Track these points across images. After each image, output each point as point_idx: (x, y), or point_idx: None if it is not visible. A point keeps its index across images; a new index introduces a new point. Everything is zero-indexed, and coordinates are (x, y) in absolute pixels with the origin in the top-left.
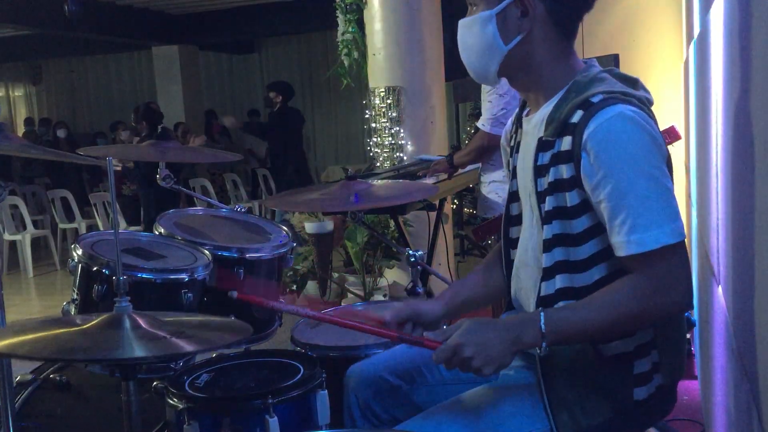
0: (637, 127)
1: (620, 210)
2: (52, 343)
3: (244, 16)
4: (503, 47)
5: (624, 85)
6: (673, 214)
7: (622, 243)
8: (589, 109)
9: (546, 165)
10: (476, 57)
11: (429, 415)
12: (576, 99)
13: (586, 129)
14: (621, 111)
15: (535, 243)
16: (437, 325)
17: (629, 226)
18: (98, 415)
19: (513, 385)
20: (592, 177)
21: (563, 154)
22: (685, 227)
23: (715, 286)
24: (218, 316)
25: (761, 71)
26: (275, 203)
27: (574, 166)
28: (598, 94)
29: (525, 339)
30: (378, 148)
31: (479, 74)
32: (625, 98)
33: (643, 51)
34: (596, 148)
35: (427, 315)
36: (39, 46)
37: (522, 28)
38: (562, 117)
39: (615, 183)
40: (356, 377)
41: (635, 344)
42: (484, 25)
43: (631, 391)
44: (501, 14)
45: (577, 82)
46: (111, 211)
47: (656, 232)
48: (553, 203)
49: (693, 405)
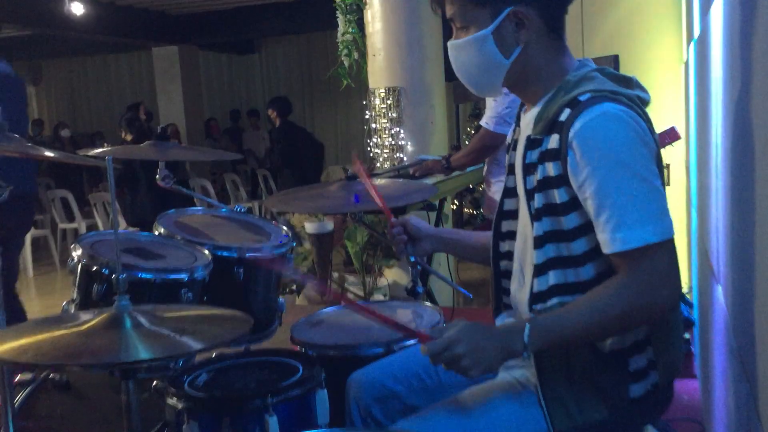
0: (622, 125)
1: (605, 207)
2: (55, 348)
3: (244, 16)
4: (505, 61)
5: (615, 84)
6: (659, 212)
7: (607, 240)
8: (576, 108)
9: (534, 163)
10: (478, 75)
11: (426, 415)
12: (564, 98)
13: (572, 127)
14: (607, 109)
15: (529, 240)
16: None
17: (614, 224)
18: (98, 414)
19: (509, 383)
20: (578, 175)
21: (550, 152)
22: (684, 227)
23: (715, 286)
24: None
25: (761, 71)
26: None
27: (561, 164)
28: (587, 92)
29: (512, 348)
30: (378, 149)
31: (482, 90)
32: (613, 97)
33: (643, 51)
34: (582, 145)
35: (417, 229)
36: (39, 46)
37: (520, 39)
38: (551, 115)
39: (600, 180)
40: (357, 384)
41: (630, 341)
42: (482, 45)
43: (627, 388)
44: (497, 31)
45: (567, 81)
46: (111, 211)
47: (640, 231)
48: (543, 200)
49: (693, 405)
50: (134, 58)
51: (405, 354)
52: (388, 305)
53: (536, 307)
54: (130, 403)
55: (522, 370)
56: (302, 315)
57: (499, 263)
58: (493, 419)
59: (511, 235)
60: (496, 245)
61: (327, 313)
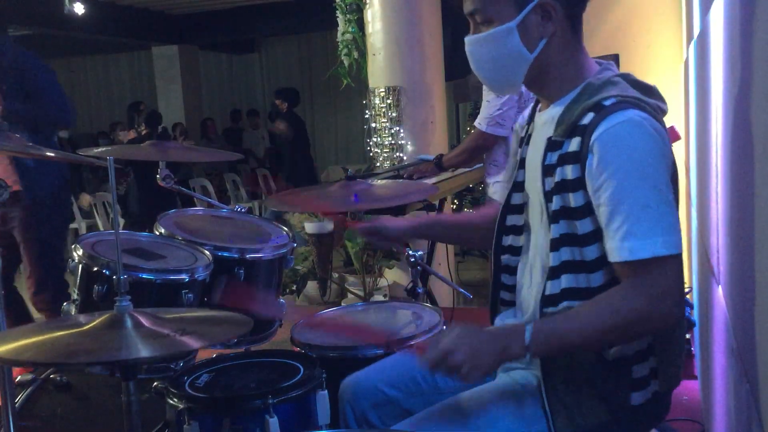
0: (646, 134)
1: (618, 215)
2: (56, 347)
3: (244, 16)
4: (529, 55)
5: (637, 92)
6: (671, 226)
7: (615, 248)
8: (600, 112)
9: (553, 165)
10: (500, 70)
11: (426, 416)
12: (588, 101)
13: (596, 131)
14: (631, 116)
15: (543, 242)
16: (400, 239)
17: (624, 232)
18: (98, 415)
19: (511, 386)
20: (596, 179)
21: (570, 155)
22: (684, 227)
23: (715, 286)
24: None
25: (761, 71)
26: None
27: (580, 168)
28: (611, 97)
29: (511, 350)
30: (378, 148)
31: (503, 86)
32: (637, 104)
33: (643, 51)
34: (602, 150)
35: (390, 231)
36: (39, 46)
37: (545, 32)
38: (573, 119)
39: (616, 187)
40: (351, 389)
41: (634, 349)
42: (506, 38)
43: (629, 396)
44: (522, 24)
45: (591, 84)
46: (111, 211)
47: (650, 242)
48: (560, 203)
49: (693, 405)
50: (134, 58)
51: (400, 358)
52: (388, 305)
53: (547, 309)
54: (130, 404)
55: (523, 372)
56: (302, 316)
57: (500, 257)
58: (492, 421)
59: (515, 229)
60: (498, 239)
61: (327, 314)
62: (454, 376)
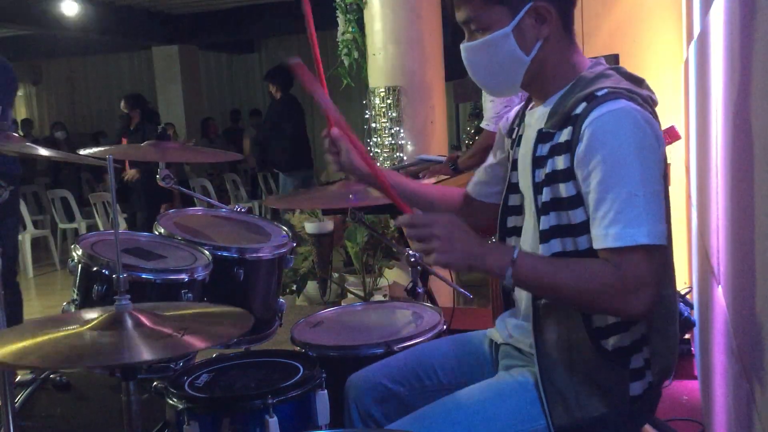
0: (637, 124)
1: (604, 202)
2: (58, 350)
3: (244, 16)
4: (526, 58)
5: (629, 83)
6: (656, 216)
7: (600, 236)
8: (592, 101)
9: (544, 156)
10: (497, 75)
11: (425, 413)
12: (580, 93)
13: (587, 119)
14: (623, 106)
15: (533, 235)
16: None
17: (610, 219)
18: (98, 415)
19: (510, 384)
20: (585, 166)
21: (562, 145)
22: (684, 227)
23: (715, 286)
24: None
25: (761, 71)
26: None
27: (570, 157)
28: (604, 88)
29: (488, 261)
30: (378, 148)
31: (501, 90)
32: (629, 95)
33: (643, 51)
34: (592, 137)
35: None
36: (39, 46)
37: (540, 34)
38: (566, 109)
39: (604, 174)
40: (356, 386)
41: (631, 339)
42: (502, 44)
43: (628, 386)
44: (517, 28)
45: (583, 77)
46: (111, 211)
47: (634, 230)
48: (550, 194)
49: (693, 405)
50: (134, 58)
51: (404, 355)
52: (388, 305)
53: (538, 302)
54: (130, 404)
55: (522, 370)
56: (302, 315)
57: None
58: (491, 416)
59: (516, 231)
60: (502, 241)
61: (327, 313)
62: (422, 247)
